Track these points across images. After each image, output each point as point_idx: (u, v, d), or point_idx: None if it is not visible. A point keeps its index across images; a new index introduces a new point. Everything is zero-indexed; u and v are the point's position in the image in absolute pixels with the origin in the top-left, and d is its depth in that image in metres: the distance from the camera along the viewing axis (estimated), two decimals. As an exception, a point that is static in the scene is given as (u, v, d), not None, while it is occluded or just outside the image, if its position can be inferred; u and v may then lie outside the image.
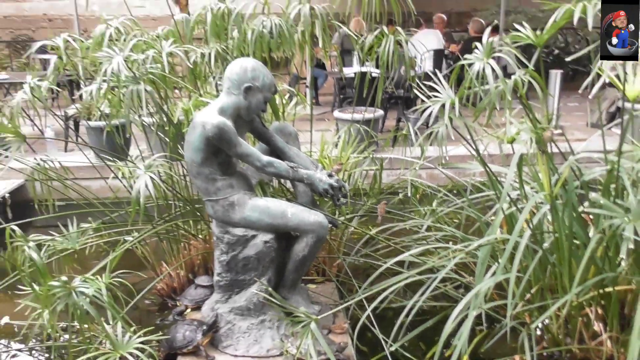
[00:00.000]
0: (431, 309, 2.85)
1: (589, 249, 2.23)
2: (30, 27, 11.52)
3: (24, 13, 11.57)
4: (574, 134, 5.81)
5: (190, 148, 2.63)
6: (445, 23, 8.63)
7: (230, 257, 2.74)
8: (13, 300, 3.05)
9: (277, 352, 2.71)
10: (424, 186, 3.58)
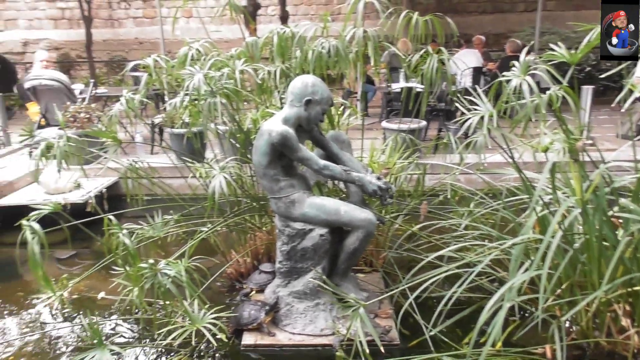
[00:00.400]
0: (468, 299, 2.77)
1: (618, 250, 2.12)
2: (124, 49, 11.94)
3: (119, 37, 12.01)
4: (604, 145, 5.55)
5: (257, 152, 2.66)
6: (484, 43, 8.42)
7: (290, 247, 2.75)
8: (108, 279, 3.17)
9: (329, 332, 2.70)
10: (463, 189, 3.50)
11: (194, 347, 2.68)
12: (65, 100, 5.91)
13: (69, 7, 11.70)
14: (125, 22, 12.05)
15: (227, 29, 10.15)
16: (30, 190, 5.01)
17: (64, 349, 2.84)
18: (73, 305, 3.18)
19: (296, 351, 2.67)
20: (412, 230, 3.23)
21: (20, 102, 8.36)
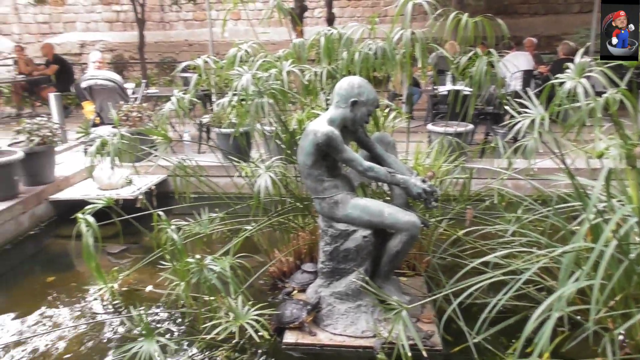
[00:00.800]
0: (514, 307, 2.70)
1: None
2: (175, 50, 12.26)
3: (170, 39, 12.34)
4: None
5: (302, 152, 2.68)
6: (535, 46, 8.19)
7: (333, 248, 2.75)
8: (156, 273, 3.25)
9: (370, 334, 2.69)
10: (510, 195, 3.41)
11: (237, 342, 2.72)
12: (119, 100, 6.13)
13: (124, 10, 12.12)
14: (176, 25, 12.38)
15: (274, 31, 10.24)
16: (85, 185, 5.21)
17: (113, 338, 2.94)
18: (122, 297, 3.28)
19: (336, 352, 2.67)
20: (456, 235, 3.17)
21: (76, 101, 8.73)
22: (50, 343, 2.89)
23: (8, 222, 4.34)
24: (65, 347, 2.85)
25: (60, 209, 4.89)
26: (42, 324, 3.10)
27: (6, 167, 4.41)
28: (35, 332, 3.00)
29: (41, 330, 3.01)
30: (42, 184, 4.91)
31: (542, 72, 7.38)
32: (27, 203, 4.60)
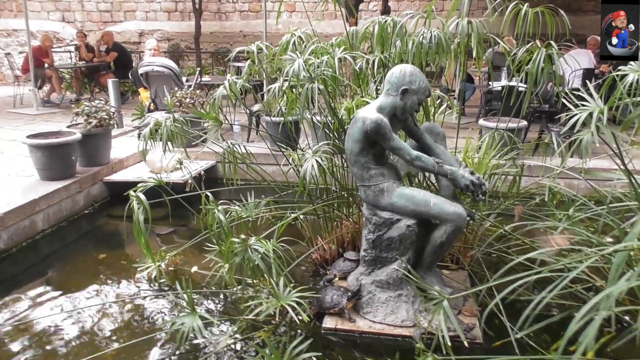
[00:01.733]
0: (559, 306, 2.67)
1: None
2: (229, 41, 12.52)
3: (225, 30, 12.61)
4: None
5: (350, 139, 2.72)
6: (599, 45, 7.89)
7: (376, 236, 2.79)
8: (202, 255, 3.38)
9: (410, 324, 2.71)
10: (562, 193, 3.34)
11: (277, 324, 2.80)
12: (173, 87, 6.35)
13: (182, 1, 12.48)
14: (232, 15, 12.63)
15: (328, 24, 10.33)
16: (138, 168, 5.45)
17: (158, 314, 3.08)
18: (168, 277, 3.43)
19: (375, 339, 2.71)
20: (503, 229, 3.14)
21: (133, 88, 9.09)
22: (99, 317, 3.06)
23: (65, 200, 4.59)
24: (112, 321, 3.02)
25: (114, 190, 5.13)
26: (92, 299, 3.29)
27: (64, 148, 4.67)
28: (85, 306, 3.18)
29: (91, 305, 3.19)
30: (98, 165, 5.16)
31: (603, 72, 7.11)
32: (82, 183, 4.85)
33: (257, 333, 2.76)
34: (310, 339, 2.38)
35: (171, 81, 6.47)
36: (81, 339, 2.84)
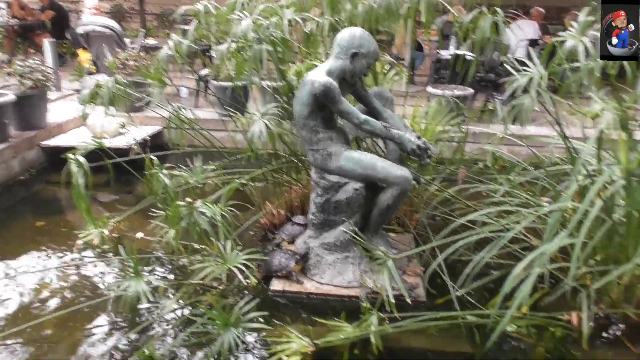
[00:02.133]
0: (498, 265, 2.80)
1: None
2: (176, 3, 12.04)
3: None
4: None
5: (299, 103, 2.72)
6: (543, 16, 8.12)
7: (324, 199, 2.82)
8: (147, 221, 3.32)
9: (356, 284, 2.79)
10: (504, 159, 3.47)
11: (224, 287, 2.82)
12: (116, 48, 6.10)
13: (124, -43, 11.90)
14: (178, -24, 12.17)
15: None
16: (78, 132, 5.25)
17: (102, 281, 3.03)
18: (112, 243, 3.36)
19: (323, 300, 2.77)
20: (447, 192, 3.25)
21: (71, 50, 8.66)
22: (39, 284, 2.97)
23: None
24: (53, 288, 2.94)
25: (52, 155, 4.93)
26: (30, 266, 3.18)
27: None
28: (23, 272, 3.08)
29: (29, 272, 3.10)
30: (34, 129, 4.94)
31: (547, 42, 7.35)
32: (17, 148, 4.64)
33: (205, 297, 2.76)
34: (258, 300, 2.41)
35: (113, 42, 6.22)
36: (20, 306, 2.76)
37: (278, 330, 2.46)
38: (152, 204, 3.19)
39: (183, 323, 2.57)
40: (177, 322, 2.58)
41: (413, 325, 2.37)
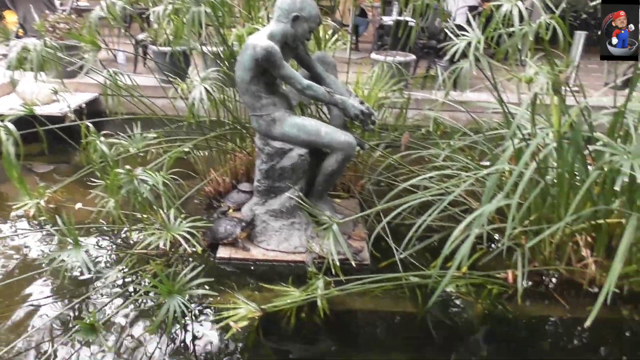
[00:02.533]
0: (440, 228, 2.88)
1: (587, 182, 2.21)
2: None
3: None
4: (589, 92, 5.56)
5: (240, 67, 2.65)
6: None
7: (269, 166, 2.80)
8: (86, 190, 3.20)
9: (303, 250, 2.80)
10: (446, 124, 3.55)
11: (170, 257, 2.77)
12: (45, 10, 5.73)
13: None
14: None
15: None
16: (7, 100, 4.93)
17: (40, 252, 2.91)
18: (49, 215, 3.22)
19: (270, 266, 2.77)
20: (391, 159, 3.29)
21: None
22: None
23: None
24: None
25: (-20, 124, 4.62)
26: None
27: None
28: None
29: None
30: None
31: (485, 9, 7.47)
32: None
33: (149, 266, 2.70)
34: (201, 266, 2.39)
35: (41, 4, 5.84)
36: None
37: (225, 297, 2.45)
38: (90, 173, 3.06)
39: (126, 293, 2.52)
40: (120, 292, 2.52)
41: (358, 287, 2.42)
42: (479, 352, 2.25)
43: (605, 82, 6.10)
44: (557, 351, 2.27)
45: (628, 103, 2.31)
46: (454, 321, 2.45)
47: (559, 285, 2.60)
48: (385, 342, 2.34)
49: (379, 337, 2.39)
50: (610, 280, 1.97)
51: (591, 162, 2.55)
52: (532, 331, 2.39)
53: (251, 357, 2.15)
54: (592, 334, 2.31)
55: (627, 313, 2.44)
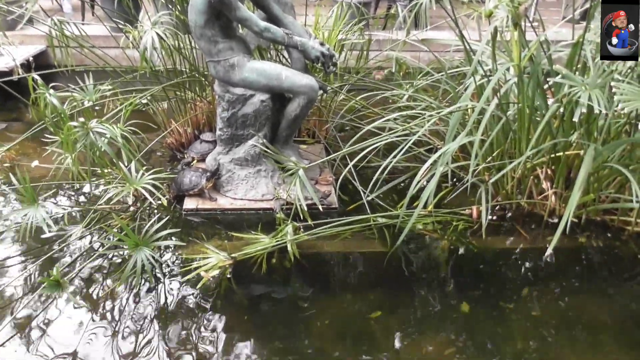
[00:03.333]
0: (405, 169, 2.90)
1: (546, 116, 2.23)
2: None
3: None
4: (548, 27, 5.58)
5: (193, 10, 2.53)
6: None
7: (230, 114, 2.73)
8: (42, 147, 3.07)
9: (270, 197, 2.79)
10: (407, 64, 3.51)
11: (135, 210, 2.72)
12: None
13: None
14: None
15: None
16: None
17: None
18: (4, 173, 3.09)
19: (238, 215, 2.76)
20: (354, 100, 3.25)
21: None
22: None
23: None
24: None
25: None
26: None
27: None
28: None
29: None
30: None
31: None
32: None
33: (114, 221, 2.65)
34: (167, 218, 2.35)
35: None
36: None
37: (194, 248, 2.44)
38: (45, 129, 2.93)
39: (92, 249, 2.47)
40: (85, 248, 2.47)
41: (327, 231, 2.44)
42: (447, 286, 2.32)
43: (563, 16, 6.13)
44: (520, 280, 2.36)
45: (585, 34, 2.31)
46: (422, 258, 2.51)
47: (520, 218, 2.67)
48: (357, 282, 2.39)
49: (350, 277, 2.43)
50: (569, 210, 2.03)
51: (550, 96, 2.58)
52: (496, 263, 2.48)
53: (224, 304, 2.16)
54: (552, 263, 2.40)
55: (584, 240, 2.55)
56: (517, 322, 2.09)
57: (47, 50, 4.86)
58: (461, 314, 2.13)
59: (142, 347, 1.94)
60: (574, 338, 2.02)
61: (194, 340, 1.98)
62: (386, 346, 1.97)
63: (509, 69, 2.37)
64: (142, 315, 2.09)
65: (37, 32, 3.93)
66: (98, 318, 2.07)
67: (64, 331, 2.00)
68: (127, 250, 2.19)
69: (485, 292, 2.28)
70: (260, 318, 2.12)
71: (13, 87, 3.00)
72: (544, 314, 2.13)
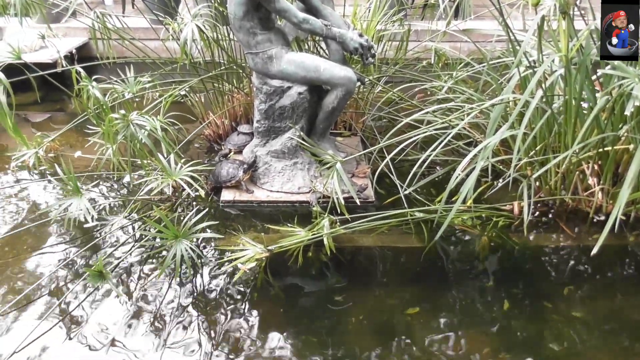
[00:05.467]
0: (444, 162, 2.85)
1: (595, 109, 2.14)
2: None
3: None
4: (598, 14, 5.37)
5: (233, 2, 2.53)
6: None
7: (268, 106, 2.73)
8: (85, 138, 3.15)
9: (307, 190, 2.78)
10: (447, 55, 3.43)
11: (174, 201, 2.75)
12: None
13: None
14: None
15: None
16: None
17: (44, 202, 2.90)
18: (49, 164, 3.18)
19: (274, 207, 2.76)
20: (392, 92, 3.20)
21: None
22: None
23: None
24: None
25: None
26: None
27: None
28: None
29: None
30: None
31: None
32: None
33: (153, 212, 2.69)
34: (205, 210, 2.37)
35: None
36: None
37: (231, 240, 2.45)
38: (88, 120, 2.99)
39: (132, 239, 2.52)
40: (126, 238, 2.52)
41: (364, 225, 2.41)
42: (486, 283, 2.26)
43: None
44: (563, 279, 2.29)
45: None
46: (461, 254, 2.46)
47: (564, 215, 2.58)
48: (393, 277, 2.35)
49: (387, 272, 2.40)
50: (618, 206, 1.94)
51: (599, 88, 2.47)
52: (538, 261, 2.40)
53: (260, 296, 2.17)
54: (598, 261, 2.31)
55: (633, 239, 2.44)
56: (556, 322, 2.02)
57: (89, 42, 4.96)
58: (500, 313, 2.07)
59: (179, 337, 1.96)
60: (613, 342, 1.94)
61: (230, 331, 2.00)
62: (422, 343, 1.94)
63: (555, 60, 2.28)
64: (180, 305, 2.12)
65: (80, 24, 4.03)
66: (137, 307, 2.11)
67: (105, 319, 2.05)
68: (167, 241, 2.21)
69: (525, 290, 2.21)
70: (295, 311, 2.12)
71: (57, 79, 3.07)
72: (585, 314, 2.06)
